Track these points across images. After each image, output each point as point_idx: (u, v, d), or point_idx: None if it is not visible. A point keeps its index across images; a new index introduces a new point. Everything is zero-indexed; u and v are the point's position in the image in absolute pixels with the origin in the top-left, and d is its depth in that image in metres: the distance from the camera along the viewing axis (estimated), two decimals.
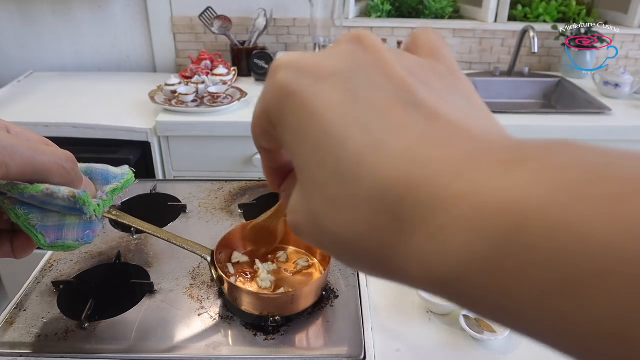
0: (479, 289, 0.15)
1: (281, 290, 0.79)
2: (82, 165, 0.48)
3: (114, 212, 0.55)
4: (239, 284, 0.79)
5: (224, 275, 0.74)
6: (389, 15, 2.12)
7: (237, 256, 0.84)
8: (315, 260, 0.86)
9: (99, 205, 0.46)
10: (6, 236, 0.44)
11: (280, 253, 0.87)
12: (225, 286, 0.76)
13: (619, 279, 0.13)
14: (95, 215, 0.46)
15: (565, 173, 0.15)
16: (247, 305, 0.75)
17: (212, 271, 0.75)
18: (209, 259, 0.76)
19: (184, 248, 0.72)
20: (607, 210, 0.13)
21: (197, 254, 0.74)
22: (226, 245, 0.83)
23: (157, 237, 0.69)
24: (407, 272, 0.17)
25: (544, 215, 0.14)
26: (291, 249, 0.88)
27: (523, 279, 0.14)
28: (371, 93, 0.19)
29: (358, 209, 0.18)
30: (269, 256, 0.86)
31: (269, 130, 0.22)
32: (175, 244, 0.71)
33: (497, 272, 0.15)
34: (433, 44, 0.23)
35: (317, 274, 0.83)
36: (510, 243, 0.14)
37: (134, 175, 0.53)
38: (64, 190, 0.41)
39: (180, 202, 1.08)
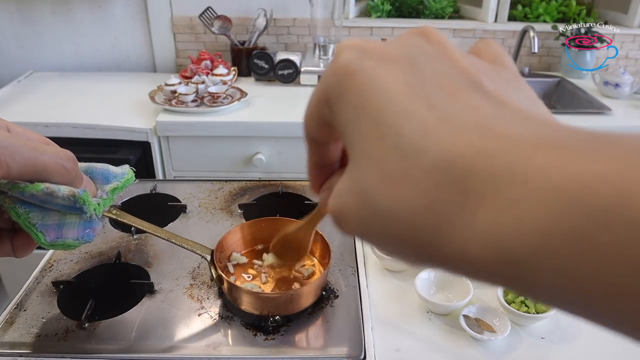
0: (558, 266, 0.15)
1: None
2: (82, 165, 0.48)
3: (114, 211, 0.55)
4: (238, 283, 0.79)
5: (223, 275, 0.74)
6: (389, 15, 2.12)
7: (236, 257, 0.84)
8: (315, 260, 0.86)
9: (99, 204, 0.46)
10: (6, 235, 0.44)
11: None
12: (225, 286, 0.76)
13: None
14: (95, 214, 0.46)
15: None
16: (246, 304, 0.75)
17: (212, 270, 0.75)
18: (208, 258, 0.76)
19: (183, 247, 0.72)
20: None
21: (196, 253, 0.74)
22: (226, 245, 0.83)
23: (157, 236, 0.69)
24: (466, 252, 0.17)
25: None
26: None
27: (619, 255, 0.13)
28: (438, 77, 0.19)
29: (418, 182, 0.17)
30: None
31: (324, 115, 0.22)
32: (175, 243, 0.71)
33: (589, 246, 0.14)
34: (497, 53, 0.23)
35: (316, 273, 0.83)
36: (611, 216, 0.14)
37: (134, 174, 0.53)
38: (64, 190, 0.41)
39: (180, 202, 1.08)
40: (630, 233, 0.13)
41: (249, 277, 0.82)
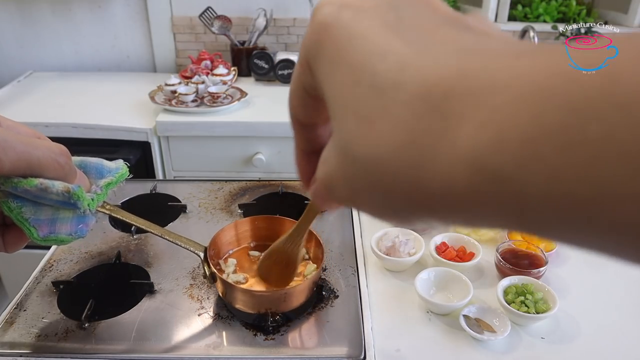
0: (546, 175, 0.13)
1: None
2: (76, 159, 0.48)
3: (108, 207, 0.55)
4: (231, 281, 0.78)
5: (216, 272, 0.74)
6: None
7: (233, 277, 0.83)
8: (309, 259, 0.86)
9: (92, 199, 0.46)
10: None
11: None
12: (218, 283, 0.76)
13: None
14: (89, 209, 0.45)
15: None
16: (240, 303, 0.75)
17: (205, 268, 0.75)
18: (201, 255, 0.75)
19: (176, 244, 0.72)
20: None
21: (190, 250, 0.74)
22: (220, 242, 0.83)
23: (151, 232, 0.69)
24: (453, 180, 0.15)
25: (634, 78, 0.12)
26: None
27: (611, 146, 0.12)
28: (418, 19, 0.19)
29: (397, 117, 0.17)
30: None
31: (307, 82, 0.21)
32: (168, 240, 0.71)
33: (578, 143, 0.13)
34: (485, 23, 0.23)
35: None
36: (599, 104, 0.13)
37: (128, 169, 0.53)
38: (58, 185, 0.41)
39: (180, 202, 1.08)
40: (621, 119, 0.12)
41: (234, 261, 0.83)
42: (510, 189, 0.14)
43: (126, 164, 0.53)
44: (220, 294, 0.78)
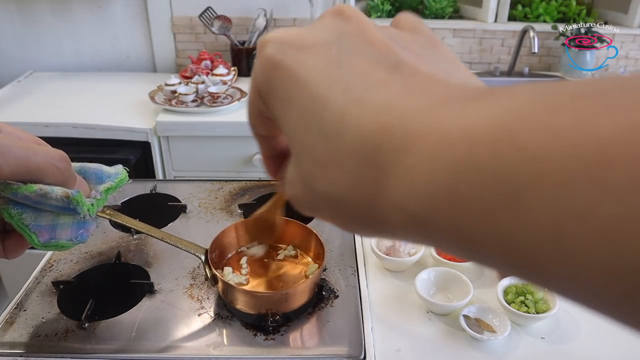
0: (443, 221, 0.16)
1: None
2: (75, 165, 0.48)
3: (108, 212, 0.55)
4: (232, 283, 0.78)
5: (217, 274, 0.74)
6: (389, 15, 2.12)
7: (232, 277, 0.83)
8: (309, 258, 0.86)
9: (92, 204, 0.46)
10: None
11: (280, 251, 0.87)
12: (219, 285, 0.76)
13: (549, 186, 0.13)
14: (89, 214, 0.45)
15: (515, 98, 0.15)
16: (241, 304, 0.75)
17: (206, 270, 0.75)
18: (202, 257, 0.75)
19: (177, 247, 0.72)
20: (541, 121, 0.14)
21: (190, 252, 0.74)
22: (220, 244, 0.83)
23: (152, 236, 0.69)
24: (389, 221, 0.18)
25: (490, 137, 0.15)
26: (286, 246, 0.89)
27: (473, 201, 0.15)
28: (353, 58, 0.20)
29: (342, 165, 0.19)
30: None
31: (262, 110, 0.23)
32: (169, 243, 0.71)
33: (455, 199, 0.15)
34: (413, 22, 0.24)
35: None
36: (462, 168, 0.15)
37: (127, 174, 0.53)
38: (58, 191, 0.41)
39: (180, 202, 1.08)
40: (478, 178, 0.15)
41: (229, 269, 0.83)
42: (428, 230, 0.17)
43: (125, 169, 0.53)
44: (222, 295, 0.78)
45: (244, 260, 0.85)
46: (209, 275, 0.75)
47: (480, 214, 0.15)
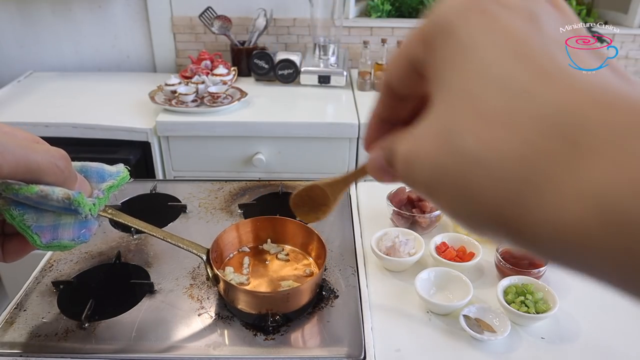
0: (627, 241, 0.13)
1: (286, 282, 0.79)
2: (76, 164, 0.48)
3: (109, 211, 0.55)
4: (234, 283, 0.79)
5: (219, 274, 0.74)
6: (389, 15, 2.12)
7: (234, 277, 0.83)
8: (311, 259, 0.86)
9: (94, 204, 0.46)
10: None
11: (281, 250, 0.87)
12: (221, 285, 0.76)
13: None
14: (91, 214, 0.45)
15: None
16: (243, 304, 0.75)
17: (208, 270, 0.75)
18: (204, 257, 0.75)
19: (179, 247, 0.72)
20: None
21: (192, 252, 0.74)
22: (222, 244, 0.83)
23: (153, 235, 0.69)
24: (564, 214, 0.14)
25: None
26: (287, 247, 0.89)
27: None
28: (559, 37, 0.19)
29: (521, 127, 0.16)
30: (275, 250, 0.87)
31: (415, 55, 0.21)
32: (170, 243, 0.71)
33: None
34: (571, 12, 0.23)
35: (314, 273, 0.83)
36: None
37: (129, 173, 0.53)
38: (59, 192, 0.41)
39: (180, 202, 1.08)
40: None
41: (231, 269, 0.83)
42: (632, 237, 0.13)
43: (127, 168, 0.53)
44: (223, 295, 0.78)
45: (246, 260, 0.85)
46: (210, 275, 0.75)
47: None
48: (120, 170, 0.52)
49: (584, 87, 0.16)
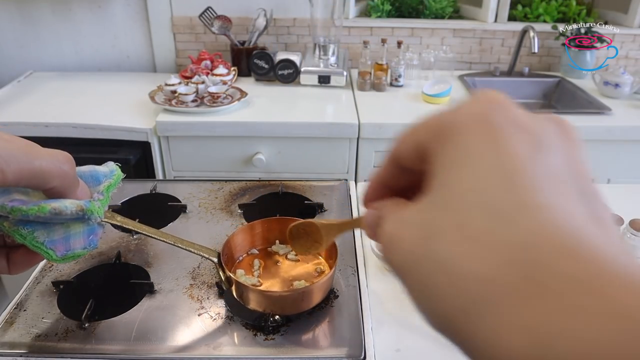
0: None
1: (300, 282, 0.80)
2: None
3: (118, 218, 0.55)
4: (247, 283, 0.78)
5: (232, 276, 0.74)
6: (389, 15, 2.12)
7: (245, 279, 0.83)
8: (321, 259, 0.86)
9: (99, 207, 0.45)
10: (0, 251, 0.42)
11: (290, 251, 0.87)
12: (234, 286, 0.76)
13: None
14: (100, 218, 0.45)
15: None
16: (254, 304, 0.74)
17: (220, 273, 0.75)
18: (215, 260, 0.75)
19: (190, 251, 0.72)
20: None
21: (204, 256, 0.74)
22: (233, 245, 0.83)
23: (164, 241, 0.68)
24: (503, 338, 0.16)
25: None
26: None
27: None
28: (555, 169, 0.20)
29: (493, 249, 0.17)
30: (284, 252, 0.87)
31: (425, 143, 0.22)
32: (181, 247, 0.70)
33: None
34: (574, 135, 0.23)
35: (326, 271, 0.83)
36: None
37: (120, 169, 0.53)
38: (71, 206, 0.40)
39: (180, 202, 1.08)
40: None
41: (242, 272, 0.83)
42: None
43: (117, 165, 0.52)
44: (236, 297, 0.77)
45: (256, 262, 0.84)
46: (223, 277, 0.75)
47: None
48: (112, 169, 0.51)
49: (556, 231, 0.17)
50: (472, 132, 0.20)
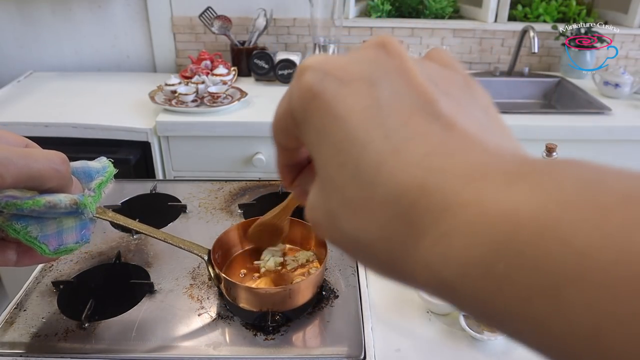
0: (474, 291, 0.16)
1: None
2: None
3: (109, 214, 0.55)
4: (236, 281, 0.78)
5: (221, 273, 0.74)
6: (389, 15, 2.12)
7: (272, 260, 0.83)
8: (312, 256, 0.86)
9: (91, 202, 0.46)
10: (6, 244, 0.43)
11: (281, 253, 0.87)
12: (223, 284, 0.76)
13: (592, 285, 0.13)
14: (92, 213, 0.45)
15: (560, 186, 0.15)
16: (244, 302, 0.75)
17: (210, 270, 0.75)
18: (205, 257, 0.76)
19: (180, 247, 0.72)
20: (589, 219, 0.14)
21: (194, 253, 0.74)
22: (223, 244, 0.83)
23: (153, 237, 0.69)
24: (415, 276, 0.18)
25: (534, 223, 0.15)
26: (288, 245, 0.88)
27: (510, 282, 0.15)
28: (393, 101, 0.20)
29: (373, 213, 0.19)
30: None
31: (290, 128, 0.23)
32: (171, 244, 0.71)
33: (490, 275, 0.15)
34: (448, 58, 0.24)
35: (314, 262, 0.84)
36: (503, 248, 0.15)
37: (113, 164, 0.53)
38: (65, 200, 0.41)
39: (180, 202, 1.08)
40: (517, 262, 0.15)
41: (242, 274, 0.82)
42: (454, 296, 0.17)
43: (110, 160, 0.53)
44: (225, 294, 0.78)
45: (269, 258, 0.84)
46: (212, 274, 0.75)
47: (515, 297, 0.15)
48: (105, 165, 0.52)
49: (411, 168, 0.18)
50: (310, 113, 0.21)
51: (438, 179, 0.18)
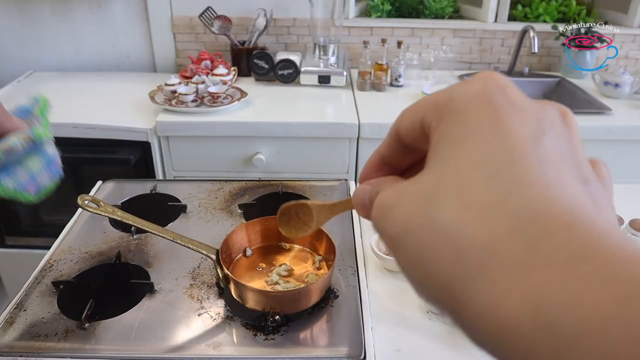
0: (597, 346, 0.15)
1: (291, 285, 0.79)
2: None
3: (118, 213, 0.55)
4: (245, 281, 0.78)
5: (229, 274, 0.74)
6: (389, 15, 2.12)
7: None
8: (321, 258, 0.85)
9: (43, 130, 0.47)
10: None
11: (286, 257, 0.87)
12: (232, 284, 0.76)
13: None
14: (48, 137, 0.47)
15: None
16: (252, 302, 0.75)
17: (218, 270, 0.75)
18: (214, 257, 0.76)
19: (189, 247, 0.73)
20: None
21: (202, 253, 0.74)
22: (231, 243, 0.83)
23: (163, 237, 0.69)
24: (502, 301, 0.17)
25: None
26: (296, 247, 0.88)
27: None
28: (556, 151, 0.20)
29: (494, 219, 0.18)
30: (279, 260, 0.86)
31: (427, 119, 0.22)
32: (180, 244, 0.71)
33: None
34: (574, 122, 0.23)
35: (323, 269, 0.83)
36: None
37: (43, 95, 0.54)
38: (17, 140, 0.42)
39: (180, 202, 1.08)
40: None
41: (260, 268, 0.82)
42: (556, 341, 0.16)
43: (44, 96, 0.53)
44: (234, 295, 0.77)
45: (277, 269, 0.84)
46: (220, 275, 0.75)
47: None
48: (35, 97, 0.53)
49: (559, 205, 0.18)
50: (474, 111, 0.20)
51: (586, 228, 0.17)
